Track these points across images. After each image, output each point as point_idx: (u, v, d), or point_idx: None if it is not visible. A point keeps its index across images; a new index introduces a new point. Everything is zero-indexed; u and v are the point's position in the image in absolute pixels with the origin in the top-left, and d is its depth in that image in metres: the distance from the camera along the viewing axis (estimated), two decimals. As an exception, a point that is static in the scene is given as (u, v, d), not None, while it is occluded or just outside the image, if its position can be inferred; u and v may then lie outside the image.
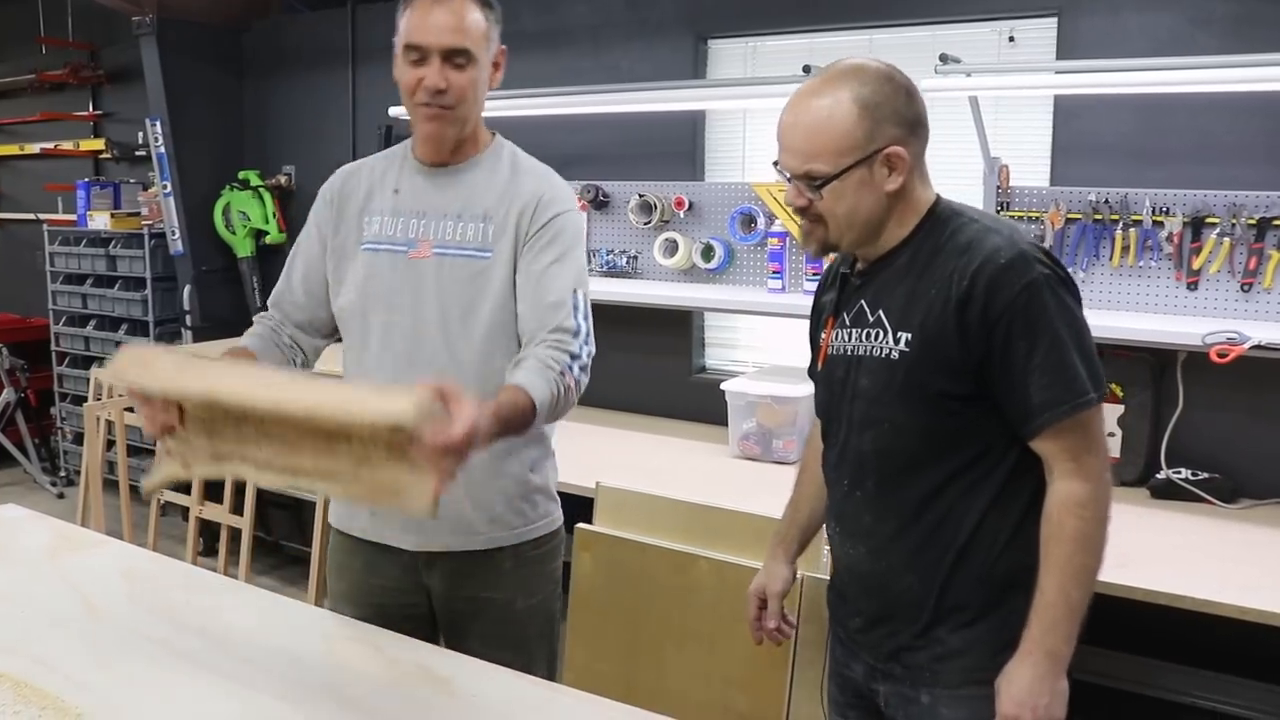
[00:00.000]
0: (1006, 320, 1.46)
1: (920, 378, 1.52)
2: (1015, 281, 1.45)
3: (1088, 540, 1.47)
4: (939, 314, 1.49)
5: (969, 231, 1.52)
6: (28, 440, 5.56)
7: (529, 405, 1.62)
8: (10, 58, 5.99)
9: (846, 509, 1.66)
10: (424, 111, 1.80)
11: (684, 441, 3.49)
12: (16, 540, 2.23)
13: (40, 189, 5.90)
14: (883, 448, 1.58)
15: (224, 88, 4.92)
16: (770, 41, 3.59)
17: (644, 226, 3.74)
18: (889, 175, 1.52)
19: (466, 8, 1.77)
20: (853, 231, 1.57)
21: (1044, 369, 1.45)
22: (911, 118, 1.53)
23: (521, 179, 1.88)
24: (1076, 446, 1.47)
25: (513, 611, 1.93)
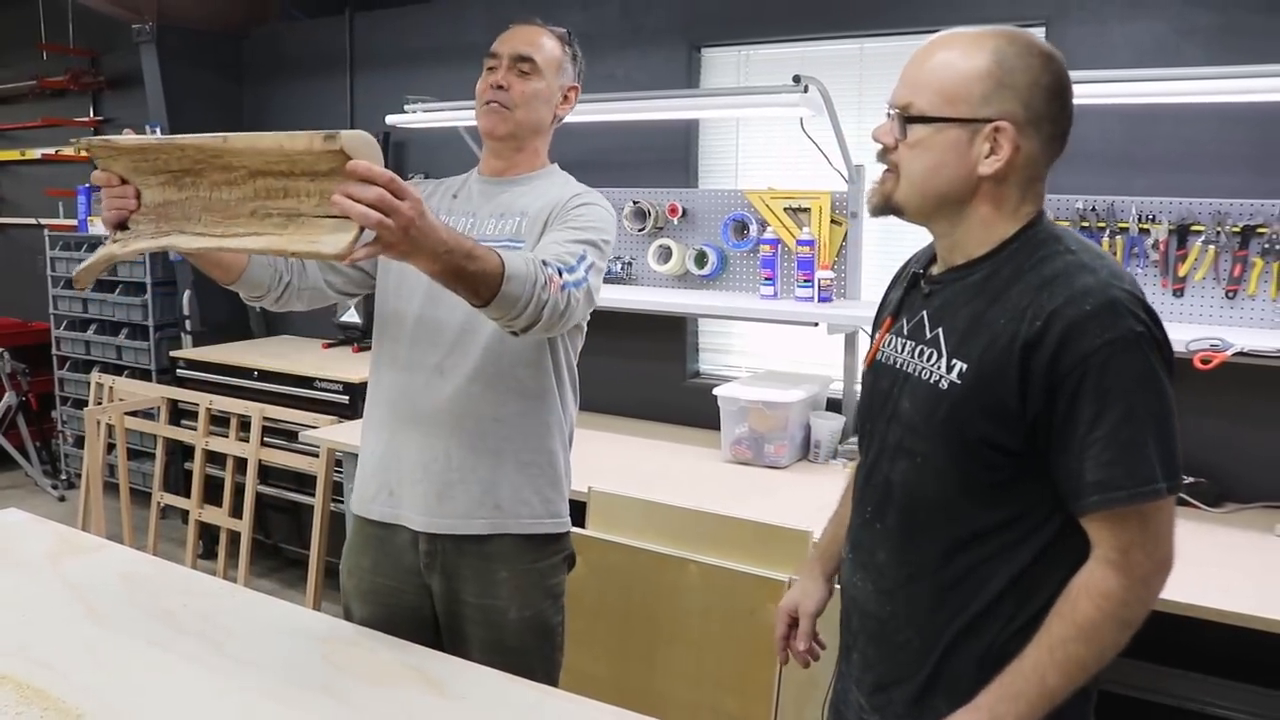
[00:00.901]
0: (1077, 377, 1.25)
1: (965, 417, 1.32)
2: (1097, 334, 1.24)
3: (1094, 633, 1.28)
4: (1002, 350, 1.29)
5: (1059, 263, 1.30)
6: (29, 443, 5.60)
7: (495, 260, 1.55)
8: (12, 64, 6.03)
9: (863, 539, 1.50)
10: (485, 108, 1.97)
11: (677, 446, 3.53)
12: (18, 545, 2.26)
13: (41, 194, 5.94)
14: (911, 483, 1.40)
15: (223, 94, 4.96)
16: (762, 50, 3.64)
17: (638, 233, 3.78)
18: (988, 154, 1.30)
19: (543, 34, 2.01)
20: (923, 197, 1.36)
21: (1109, 443, 1.24)
22: (1043, 110, 1.30)
23: (564, 188, 1.98)
24: (1128, 540, 1.27)
25: (507, 620, 1.94)
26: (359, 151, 1.38)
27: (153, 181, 1.61)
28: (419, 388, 1.94)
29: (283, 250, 1.48)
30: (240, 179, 1.51)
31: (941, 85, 1.32)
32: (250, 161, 1.48)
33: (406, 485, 1.95)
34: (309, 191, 1.44)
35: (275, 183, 1.48)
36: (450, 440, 1.92)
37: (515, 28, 2.02)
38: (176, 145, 1.54)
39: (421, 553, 1.96)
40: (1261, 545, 2.57)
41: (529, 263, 1.62)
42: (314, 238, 1.43)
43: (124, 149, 1.59)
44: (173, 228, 1.60)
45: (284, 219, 1.48)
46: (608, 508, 2.51)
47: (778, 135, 3.58)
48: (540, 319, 1.64)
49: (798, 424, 3.23)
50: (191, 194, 1.57)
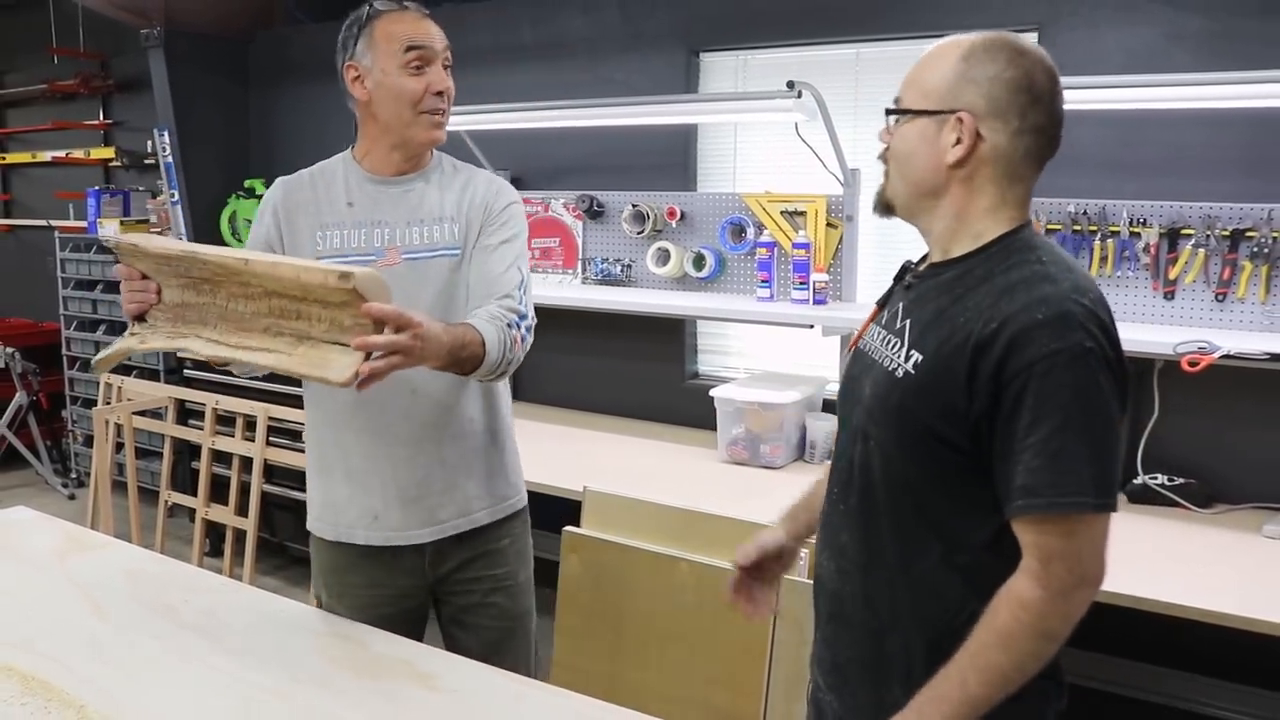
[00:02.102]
0: (1020, 383, 1.26)
1: (914, 407, 1.35)
2: (1045, 343, 1.25)
3: (1012, 643, 1.28)
4: (956, 348, 1.31)
5: (1026, 270, 1.31)
6: (39, 442, 5.66)
7: (479, 340, 1.75)
8: (23, 67, 6.11)
9: (831, 519, 1.53)
10: (430, 119, 1.91)
11: (675, 446, 3.57)
12: (26, 542, 2.32)
13: (52, 196, 6.01)
14: (868, 466, 1.43)
15: (230, 98, 5.01)
16: (760, 55, 3.67)
17: (637, 236, 3.82)
18: (953, 144, 1.35)
19: (433, 21, 1.97)
20: (903, 187, 1.43)
21: (1039, 450, 1.25)
22: (1006, 103, 1.33)
23: (474, 182, 2.01)
24: (1049, 550, 1.27)
25: (516, 584, 2.10)
26: (370, 290, 1.49)
27: (174, 283, 1.70)
28: (395, 411, 1.94)
29: (291, 371, 1.59)
30: (257, 295, 1.61)
31: (921, 82, 1.40)
32: (267, 284, 1.58)
33: (397, 505, 1.97)
34: (320, 317, 1.56)
35: (289, 305, 1.59)
36: (439, 450, 1.97)
37: (416, 16, 1.93)
38: (199, 258, 1.62)
39: (429, 553, 2.01)
40: (1250, 546, 2.60)
41: (498, 329, 1.80)
42: (322, 362, 1.55)
43: (149, 254, 1.68)
44: (189, 330, 1.69)
45: (294, 339, 1.59)
46: (602, 507, 2.55)
47: (775, 139, 3.62)
48: (506, 372, 1.87)
49: (793, 425, 3.27)
50: (209, 300, 1.67)
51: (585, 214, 3.97)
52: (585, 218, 4.00)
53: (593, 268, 4.02)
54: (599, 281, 4.00)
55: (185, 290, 1.69)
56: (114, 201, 5.35)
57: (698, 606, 2.33)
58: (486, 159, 4.14)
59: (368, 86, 1.91)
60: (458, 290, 1.95)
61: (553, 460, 3.35)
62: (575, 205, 3.99)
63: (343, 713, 1.59)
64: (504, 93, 4.01)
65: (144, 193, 5.43)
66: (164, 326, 1.71)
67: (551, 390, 4.28)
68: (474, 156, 4.10)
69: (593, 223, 4.01)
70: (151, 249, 1.68)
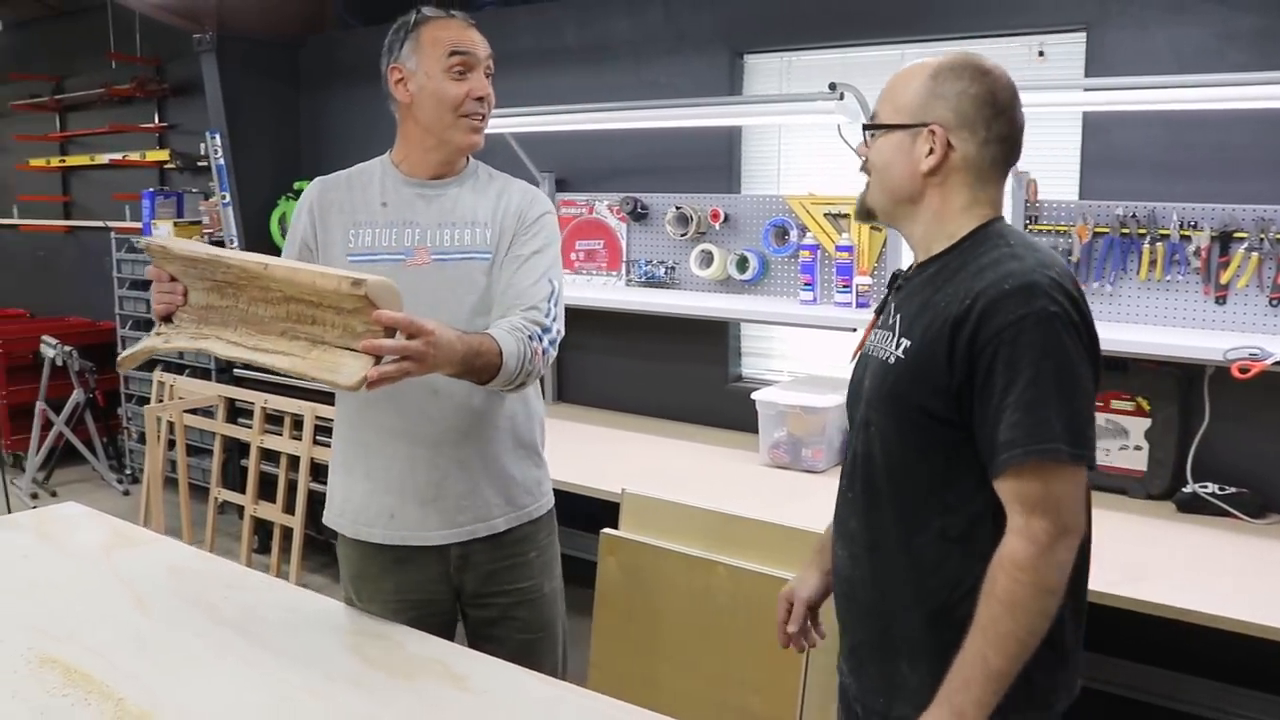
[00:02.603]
0: (992, 350, 1.37)
1: (904, 387, 1.47)
2: (1012, 310, 1.36)
3: (1017, 606, 1.35)
4: (938, 329, 1.43)
5: (996, 253, 1.45)
6: (96, 439, 5.78)
7: (495, 350, 1.76)
8: (83, 72, 6.24)
9: (841, 510, 1.64)
10: (469, 123, 1.95)
11: (717, 449, 3.56)
12: (74, 537, 2.37)
13: (109, 198, 6.14)
14: (870, 452, 1.54)
15: (281, 101, 5.08)
16: (804, 57, 3.65)
17: (681, 238, 3.82)
18: (927, 154, 1.49)
19: None
20: (882, 195, 1.57)
21: (1015, 407, 1.35)
22: (972, 116, 1.47)
23: (510, 190, 2.03)
24: (1030, 501, 1.36)
25: (542, 595, 2.10)
26: (381, 297, 1.53)
27: (199, 285, 1.75)
28: (416, 411, 1.96)
29: (303, 374, 1.62)
30: (276, 300, 1.66)
31: (894, 99, 1.54)
32: (285, 289, 1.62)
33: (414, 507, 1.99)
34: (334, 323, 1.60)
35: (305, 310, 1.63)
36: (459, 453, 1.98)
37: (463, 24, 1.96)
38: (223, 262, 1.68)
39: (453, 558, 2.02)
40: (1304, 557, 2.53)
41: (518, 340, 1.81)
42: (333, 367, 1.58)
43: (176, 256, 1.73)
44: (211, 332, 1.74)
45: (309, 343, 1.63)
46: (640, 509, 2.55)
47: (818, 141, 3.60)
48: (526, 383, 1.88)
49: (835, 429, 3.25)
50: (231, 304, 1.72)
51: (629, 216, 3.97)
52: (629, 220, 4.00)
53: (636, 270, 4.02)
54: (643, 284, 4.00)
55: (210, 293, 1.74)
56: (168, 203, 5.46)
57: (734, 611, 2.32)
58: (531, 161, 4.16)
59: (410, 89, 1.94)
60: (487, 294, 1.96)
61: (594, 461, 3.36)
62: (619, 207, 4.00)
63: (375, 711, 1.60)
64: (548, 95, 4.02)
65: (197, 194, 5.52)
66: (188, 327, 1.76)
67: (595, 392, 4.29)
68: (518, 159, 4.12)
69: (637, 225, 4.01)
70: (178, 251, 1.72)
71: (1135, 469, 2.91)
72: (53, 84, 6.51)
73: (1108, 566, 2.41)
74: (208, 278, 1.73)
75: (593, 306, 3.94)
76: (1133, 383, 2.91)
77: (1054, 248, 3.05)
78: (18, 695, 1.63)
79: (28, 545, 2.30)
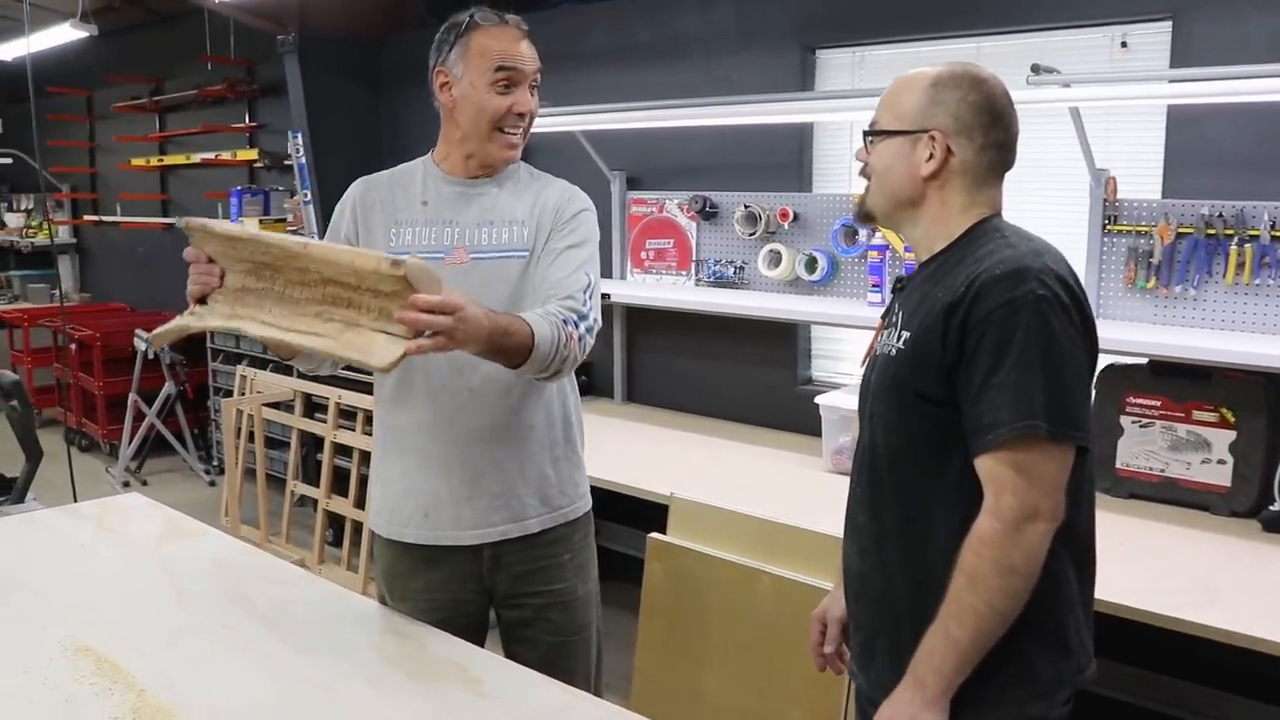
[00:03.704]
0: (980, 331, 1.41)
1: (904, 376, 1.51)
2: (1001, 294, 1.40)
3: (978, 581, 1.39)
4: (935, 317, 1.46)
5: (991, 245, 1.49)
6: (186, 431, 5.96)
7: (528, 332, 1.72)
8: (181, 74, 6.45)
9: (851, 506, 1.67)
10: (506, 138, 1.93)
11: (781, 453, 3.48)
12: (129, 527, 2.42)
13: (201, 196, 6.32)
14: (875, 445, 1.57)
15: (361, 100, 5.16)
16: (877, 51, 3.55)
17: (749, 237, 3.75)
18: (927, 159, 1.54)
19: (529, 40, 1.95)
20: (882, 198, 1.61)
21: (1001, 388, 1.38)
22: (970, 122, 1.53)
23: (549, 189, 2.01)
24: (1000, 480, 1.39)
25: (576, 599, 2.06)
26: (420, 280, 1.51)
27: (237, 268, 1.75)
28: (452, 411, 1.94)
29: (336, 355, 1.62)
30: (313, 282, 1.65)
31: (894, 107, 1.58)
32: (323, 269, 1.62)
33: (448, 505, 1.97)
34: (370, 306, 1.59)
35: (342, 292, 1.62)
36: (494, 453, 1.95)
37: (516, 34, 1.93)
38: (262, 242, 1.68)
39: (487, 559, 2.00)
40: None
41: (552, 324, 1.77)
42: (366, 348, 1.57)
43: (217, 235, 1.73)
44: (246, 313, 1.73)
45: (343, 325, 1.62)
46: (687, 514, 2.50)
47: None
48: (561, 370, 1.82)
49: (900, 435, 3.14)
50: (268, 286, 1.72)
51: (699, 215, 3.92)
52: (699, 219, 3.95)
53: (706, 269, 3.97)
54: (712, 283, 3.94)
55: (247, 275, 1.73)
56: (255, 201, 5.59)
57: (776, 621, 2.25)
58: (601, 160, 4.14)
59: (454, 95, 1.93)
60: (525, 291, 1.94)
61: (655, 462, 3.34)
62: (689, 206, 3.95)
63: (384, 711, 1.59)
64: (619, 93, 3.99)
65: (283, 192, 5.65)
66: (222, 308, 1.75)
67: (664, 393, 4.25)
68: (588, 157, 4.10)
69: (706, 224, 3.95)
70: (219, 231, 1.72)
71: (1218, 484, 2.74)
72: (152, 86, 6.74)
73: (1181, 588, 2.28)
74: (246, 259, 1.73)
75: (662, 306, 3.90)
76: (1216, 393, 2.74)
77: (1134, 249, 2.90)
78: (48, 681, 1.66)
79: (87, 534, 2.37)
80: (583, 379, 4.49)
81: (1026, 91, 2.64)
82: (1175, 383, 2.78)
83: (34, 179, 8.12)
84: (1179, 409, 2.78)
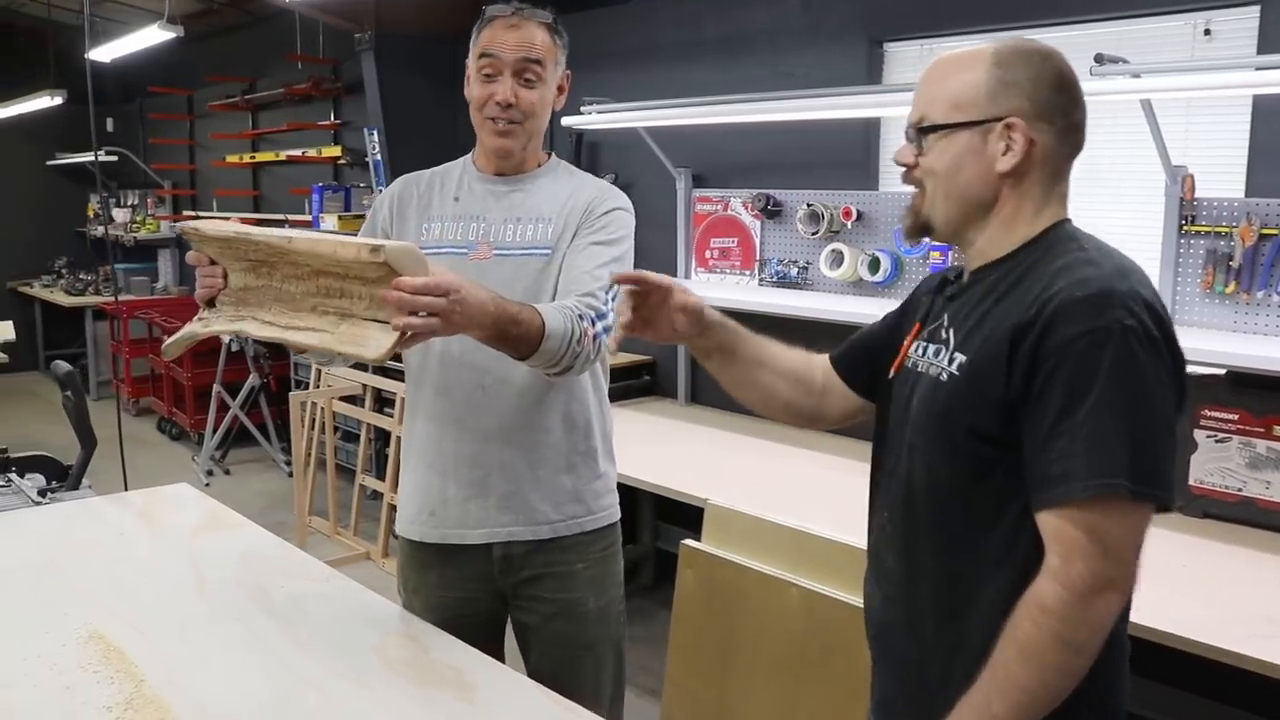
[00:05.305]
0: (1053, 363, 1.19)
1: (956, 407, 1.30)
2: (1082, 321, 1.18)
3: (1033, 655, 1.19)
4: (999, 339, 1.25)
5: (1068, 258, 1.27)
6: (269, 422, 6.10)
7: (538, 323, 1.65)
8: (273, 73, 6.61)
9: (880, 544, 1.47)
10: (492, 126, 1.88)
11: (835, 459, 3.37)
12: (170, 517, 2.45)
13: (286, 193, 6.47)
14: (914, 480, 1.38)
15: (437, 97, 5.19)
16: (947, 43, 3.41)
17: (812, 237, 3.64)
18: (1004, 152, 1.31)
19: (537, 29, 1.87)
20: (949, 205, 1.36)
21: (1074, 435, 1.17)
22: (1050, 102, 1.31)
23: (583, 187, 1.95)
24: (1071, 543, 1.18)
25: (587, 612, 1.98)
26: (402, 263, 1.46)
27: (236, 267, 1.74)
28: (463, 409, 1.92)
29: (331, 350, 1.59)
30: (305, 275, 1.62)
31: (949, 95, 1.34)
32: (312, 262, 1.59)
33: (455, 504, 1.94)
34: (360, 294, 1.55)
35: (333, 283, 1.59)
36: (503, 454, 1.91)
37: (507, 22, 1.85)
38: (251, 240, 1.66)
39: (497, 559, 1.96)
40: None
41: (566, 318, 1.70)
42: (360, 340, 1.54)
43: (209, 237, 1.72)
44: (248, 313, 1.72)
45: (338, 317, 1.59)
46: (722, 522, 2.42)
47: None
48: (573, 367, 1.75)
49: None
50: (266, 283, 1.70)
51: (762, 213, 3.83)
52: (763, 217, 3.86)
53: (769, 269, 3.88)
54: (774, 283, 3.85)
55: (246, 274, 1.72)
56: (335, 197, 5.69)
57: (804, 635, 2.16)
58: (667, 157, 4.08)
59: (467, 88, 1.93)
60: (547, 289, 1.89)
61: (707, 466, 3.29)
62: (753, 204, 3.86)
63: (368, 711, 1.56)
64: (685, 89, 3.93)
65: (364, 189, 5.73)
66: (228, 310, 1.75)
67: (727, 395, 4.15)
68: (654, 155, 4.05)
69: (770, 222, 3.86)
70: (209, 233, 1.71)
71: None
72: (245, 85, 6.93)
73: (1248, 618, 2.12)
74: (243, 258, 1.72)
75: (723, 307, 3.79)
76: (1302, 407, 2.55)
77: (1213, 251, 2.72)
78: (55, 668, 1.68)
79: (127, 523, 2.40)
80: (646, 379, 4.44)
81: (1094, 83, 2.49)
82: (1255, 395, 2.60)
83: (140, 176, 8.45)
84: (1258, 424, 2.59)
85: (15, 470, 2.88)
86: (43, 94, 7.10)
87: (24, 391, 8.10)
